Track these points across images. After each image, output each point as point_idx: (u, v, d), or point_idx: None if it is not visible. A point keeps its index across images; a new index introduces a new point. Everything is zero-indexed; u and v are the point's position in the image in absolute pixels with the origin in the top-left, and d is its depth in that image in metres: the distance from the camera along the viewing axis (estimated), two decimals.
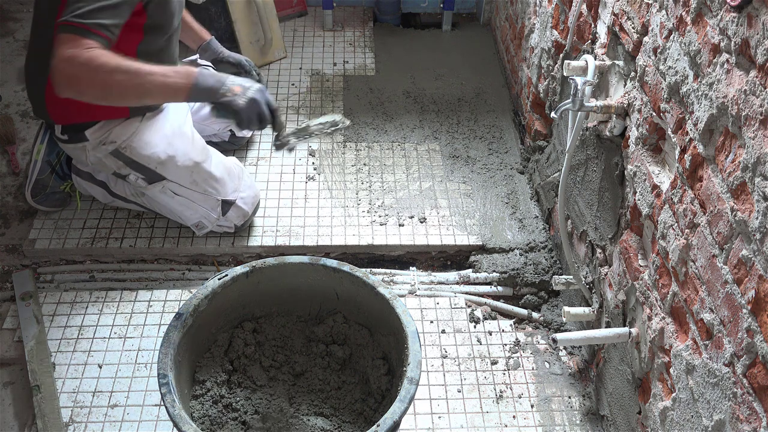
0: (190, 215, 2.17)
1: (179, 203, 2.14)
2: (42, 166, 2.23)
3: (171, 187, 2.10)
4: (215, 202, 2.15)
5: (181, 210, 2.16)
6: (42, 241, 2.22)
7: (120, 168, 2.06)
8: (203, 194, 2.12)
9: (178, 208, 2.15)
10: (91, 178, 2.24)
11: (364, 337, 1.78)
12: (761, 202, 1.09)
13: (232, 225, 2.22)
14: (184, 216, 2.18)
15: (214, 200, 2.14)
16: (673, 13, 1.41)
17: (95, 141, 2.00)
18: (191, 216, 2.17)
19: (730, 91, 1.17)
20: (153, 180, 2.08)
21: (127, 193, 2.23)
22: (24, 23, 3.18)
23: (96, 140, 2.00)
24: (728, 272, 1.21)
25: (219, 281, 1.68)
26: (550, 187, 2.29)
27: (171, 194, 2.11)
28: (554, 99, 2.27)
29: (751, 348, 1.13)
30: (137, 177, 2.07)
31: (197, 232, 2.23)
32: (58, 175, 2.25)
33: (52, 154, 2.24)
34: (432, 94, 2.89)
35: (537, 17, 2.44)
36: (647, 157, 1.56)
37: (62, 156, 2.26)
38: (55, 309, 2.05)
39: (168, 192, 2.11)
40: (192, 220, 2.19)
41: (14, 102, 2.75)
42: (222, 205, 2.15)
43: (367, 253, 2.28)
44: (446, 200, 2.42)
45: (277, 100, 2.80)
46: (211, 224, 2.19)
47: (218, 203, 2.15)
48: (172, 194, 2.11)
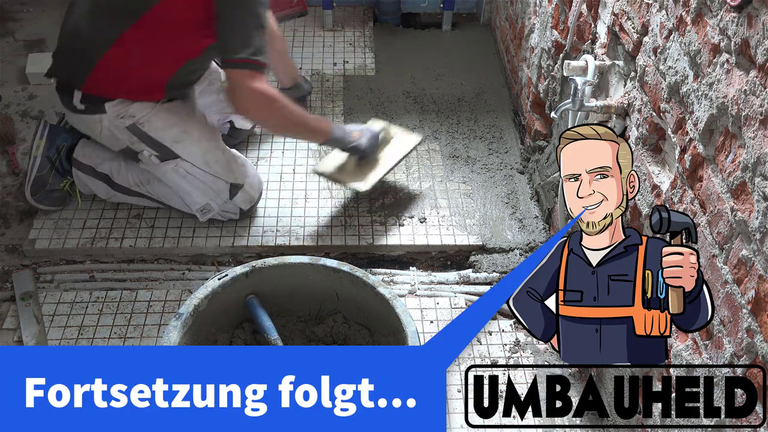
0: (197, 197, 2.18)
1: (189, 183, 2.15)
2: (42, 162, 2.23)
3: (184, 166, 2.12)
4: (224, 185, 2.18)
5: (190, 191, 2.16)
6: (42, 241, 2.22)
7: (134, 143, 2.08)
8: (213, 176, 2.16)
9: (188, 188, 2.16)
10: (93, 172, 2.24)
11: (364, 337, 1.78)
12: (761, 202, 1.09)
13: (237, 210, 2.23)
14: (191, 198, 2.18)
15: (223, 183, 2.17)
16: (673, 13, 1.41)
17: (113, 114, 2.04)
18: (198, 198, 2.18)
19: (730, 91, 1.17)
20: (166, 158, 2.10)
21: (131, 183, 2.23)
22: (24, 23, 3.18)
23: (114, 113, 2.04)
24: (728, 272, 1.21)
25: (219, 281, 1.69)
26: (550, 187, 2.29)
27: (183, 173, 2.13)
28: (554, 99, 2.27)
29: (751, 348, 1.13)
30: (150, 153, 2.09)
31: (201, 217, 2.22)
32: (58, 171, 2.25)
33: (52, 149, 2.24)
34: (432, 94, 2.89)
35: (537, 17, 2.44)
36: (647, 157, 1.56)
37: (62, 151, 2.25)
38: (55, 309, 2.05)
39: (180, 171, 2.13)
40: (198, 203, 2.19)
41: (14, 102, 2.75)
42: (230, 188, 2.19)
43: (367, 253, 2.28)
44: (446, 200, 2.42)
45: None
46: (218, 207, 2.20)
47: (227, 186, 2.18)
48: (185, 173, 2.13)
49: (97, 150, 2.25)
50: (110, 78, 2.02)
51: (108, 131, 2.08)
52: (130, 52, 1.99)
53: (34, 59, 2.87)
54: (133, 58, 2.00)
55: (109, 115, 2.05)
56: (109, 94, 2.04)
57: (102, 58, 2.00)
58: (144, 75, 2.05)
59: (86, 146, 2.26)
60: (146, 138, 2.08)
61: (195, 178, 2.15)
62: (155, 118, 2.08)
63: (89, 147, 2.26)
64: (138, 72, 2.03)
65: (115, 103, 2.04)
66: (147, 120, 2.07)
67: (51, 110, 2.68)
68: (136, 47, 1.99)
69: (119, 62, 2.01)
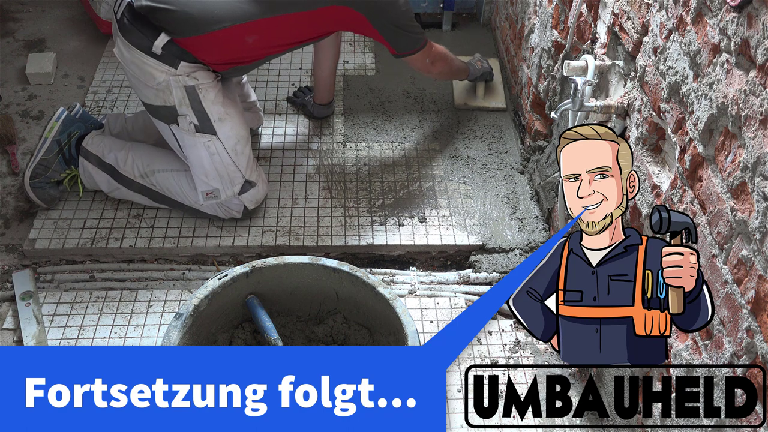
0: (212, 179, 2.17)
1: (212, 163, 2.15)
2: (50, 145, 2.25)
3: (216, 144, 2.15)
4: (240, 178, 2.21)
5: (209, 170, 2.16)
6: (42, 241, 2.22)
7: (181, 105, 2.08)
8: (235, 165, 2.19)
9: (208, 167, 2.16)
10: (99, 162, 2.25)
11: (364, 337, 1.78)
12: (761, 202, 1.09)
13: (241, 209, 2.25)
14: (206, 179, 2.17)
15: (240, 175, 2.20)
16: (673, 13, 1.41)
17: (182, 71, 2.05)
18: (213, 181, 2.18)
19: (730, 91, 1.17)
20: (203, 131, 2.12)
21: (136, 175, 2.24)
22: (24, 23, 3.18)
23: (183, 71, 2.05)
24: (728, 272, 1.21)
25: (219, 281, 1.69)
26: (550, 187, 2.29)
27: (213, 151, 2.15)
28: (554, 99, 2.27)
29: (751, 348, 1.13)
30: (191, 121, 2.10)
31: (204, 201, 2.21)
32: (64, 158, 2.26)
33: (64, 134, 2.26)
34: (432, 94, 2.89)
35: (537, 17, 2.44)
36: (647, 157, 1.56)
37: (73, 137, 2.28)
38: (55, 309, 2.05)
39: (211, 148, 2.14)
40: (210, 186, 2.18)
41: (14, 102, 2.75)
42: (244, 183, 2.22)
43: (367, 253, 2.28)
44: (446, 200, 2.42)
45: (278, 100, 2.81)
46: (224, 197, 2.20)
47: (242, 180, 2.21)
48: (214, 151, 2.15)
49: (106, 141, 2.28)
50: (212, 46, 2.06)
51: (165, 83, 2.06)
52: (250, 36, 2.08)
53: (34, 59, 2.87)
54: (246, 41, 2.08)
55: (178, 70, 2.05)
56: (198, 55, 2.06)
57: (224, 30, 2.03)
58: (238, 55, 2.13)
59: (96, 137, 2.30)
60: (197, 104, 2.09)
61: (220, 159, 2.16)
62: (212, 91, 2.11)
63: (99, 137, 2.30)
64: (237, 51, 2.11)
65: (190, 63, 2.06)
66: (206, 88, 2.09)
67: (51, 110, 2.68)
68: (258, 34, 2.08)
69: (233, 39, 2.06)
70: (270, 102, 2.80)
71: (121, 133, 2.38)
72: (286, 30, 2.13)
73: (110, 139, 2.30)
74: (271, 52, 2.23)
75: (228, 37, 2.06)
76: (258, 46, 2.14)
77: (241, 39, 2.08)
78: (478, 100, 2.82)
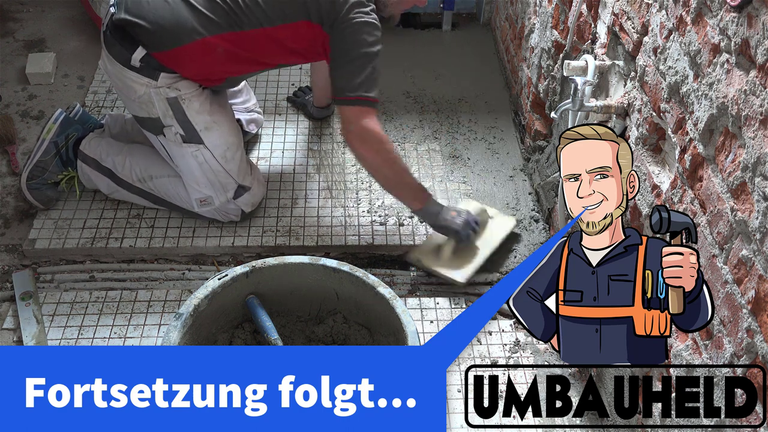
0: (203, 187, 2.17)
1: (202, 171, 2.15)
2: (48, 147, 2.25)
3: (204, 153, 2.13)
4: (233, 184, 2.20)
5: (200, 179, 2.16)
6: (42, 241, 2.22)
7: (166, 117, 2.07)
8: (226, 172, 2.18)
9: (198, 176, 2.15)
10: (97, 166, 2.25)
11: (364, 337, 1.78)
12: (761, 202, 1.09)
13: (239, 212, 2.24)
14: (197, 187, 2.17)
15: (232, 181, 2.19)
16: (673, 13, 1.41)
17: (163, 83, 2.04)
18: (204, 188, 2.18)
19: (730, 91, 1.17)
20: (190, 140, 2.11)
21: (134, 179, 2.24)
22: (24, 23, 3.18)
23: (164, 83, 2.04)
24: (728, 272, 1.21)
25: (219, 281, 1.69)
26: (550, 187, 2.29)
27: (201, 160, 2.14)
28: (554, 99, 2.27)
29: (751, 348, 1.13)
30: (177, 131, 2.09)
31: (199, 208, 2.22)
32: (61, 159, 2.26)
33: (61, 136, 2.26)
34: (432, 94, 2.89)
35: (537, 17, 2.44)
36: (647, 157, 1.56)
37: (71, 139, 2.28)
38: (55, 309, 2.05)
39: (199, 157, 2.13)
40: (202, 193, 2.18)
41: (14, 102, 2.75)
42: (237, 188, 2.21)
43: (367, 253, 2.28)
44: (446, 200, 2.42)
45: (278, 101, 2.81)
46: (218, 203, 2.20)
47: (235, 185, 2.20)
48: (203, 160, 2.14)
49: (104, 144, 2.27)
50: (189, 58, 2.03)
51: (147, 96, 2.05)
52: (226, 47, 2.02)
53: (34, 59, 2.87)
54: (223, 52, 2.03)
55: (159, 82, 2.04)
56: (174, 68, 2.04)
57: (197, 41, 1.99)
58: (220, 68, 2.09)
59: (93, 139, 2.29)
60: (181, 115, 2.08)
61: (209, 168, 2.16)
62: (196, 100, 2.09)
63: (96, 140, 2.29)
64: (217, 64, 2.07)
65: (170, 75, 2.04)
66: (189, 99, 2.08)
67: (51, 110, 2.68)
68: (235, 46, 2.03)
69: (210, 51, 2.02)
70: (270, 102, 2.80)
71: (121, 134, 2.38)
72: (261, 46, 2.06)
73: (108, 142, 2.29)
74: (250, 70, 2.22)
75: (202, 48, 2.01)
76: (233, 61, 2.08)
77: (215, 51, 2.03)
78: (438, 262, 2.15)
